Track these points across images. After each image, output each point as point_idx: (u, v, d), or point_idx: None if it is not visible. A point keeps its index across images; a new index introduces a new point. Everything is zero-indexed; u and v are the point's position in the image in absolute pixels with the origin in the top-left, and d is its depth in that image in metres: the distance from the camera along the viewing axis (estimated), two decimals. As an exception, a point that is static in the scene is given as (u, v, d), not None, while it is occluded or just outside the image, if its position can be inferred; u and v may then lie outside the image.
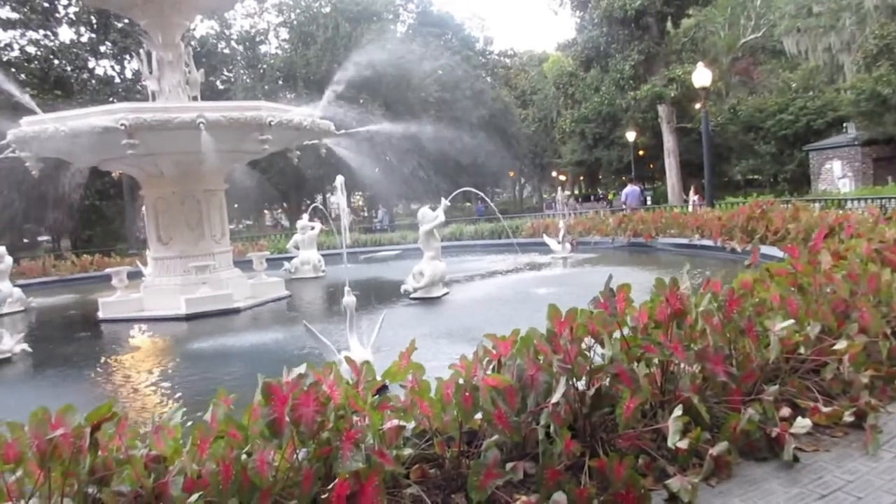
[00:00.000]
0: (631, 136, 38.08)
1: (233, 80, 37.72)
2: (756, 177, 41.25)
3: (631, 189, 27.43)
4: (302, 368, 2.84)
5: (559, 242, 13.95)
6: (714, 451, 2.68)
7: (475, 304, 8.84)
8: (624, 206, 25.56)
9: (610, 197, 48.61)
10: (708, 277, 3.68)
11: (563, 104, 40.88)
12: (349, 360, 3.08)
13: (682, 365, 3.09)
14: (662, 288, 3.35)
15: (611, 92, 33.59)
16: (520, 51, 64.10)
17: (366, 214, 45.88)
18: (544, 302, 3.23)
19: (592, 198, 52.15)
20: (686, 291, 3.45)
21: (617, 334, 3.15)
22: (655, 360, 3.14)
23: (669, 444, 2.64)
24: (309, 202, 36.27)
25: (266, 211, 49.64)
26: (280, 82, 37.29)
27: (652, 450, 2.79)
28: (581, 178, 59.47)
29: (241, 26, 41.37)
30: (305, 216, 14.96)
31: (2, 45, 33.03)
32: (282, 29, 42.26)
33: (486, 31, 68.38)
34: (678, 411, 2.69)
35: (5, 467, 2.43)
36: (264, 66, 39.33)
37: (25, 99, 10.48)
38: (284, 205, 43.06)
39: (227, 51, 39.39)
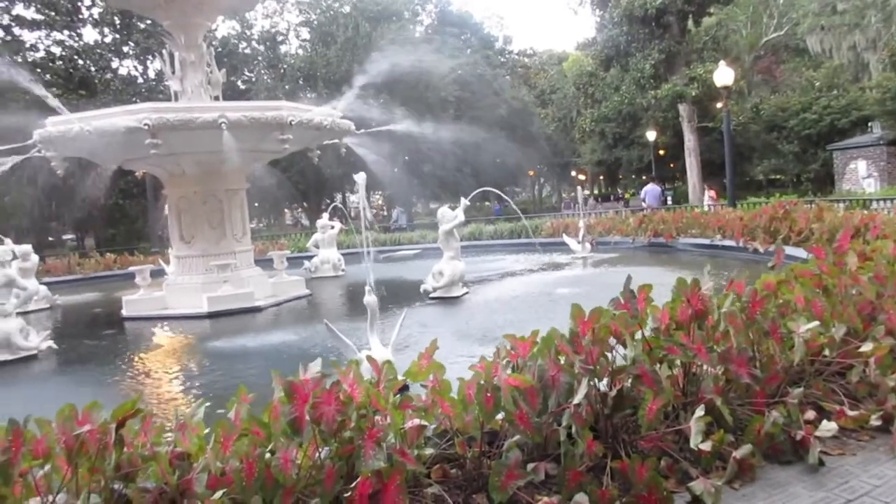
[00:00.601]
0: (651, 135, 37.83)
1: (254, 80, 37.99)
2: (779, 177, 40.83)
3: (650, 188, 27.21)
4: (317, 365, 2.86)
5: (579, 242, 13.88)
6: (738, 453, 2.66)
7: (495, 304, 8.83)
8: (643, 205, 25.39)
9: (626, 196, 48.27)
10: (731, 278, 3.64)
11: (583, 104, 40.68)
12: (370, 360, 3.09)
13: (704, 366, 3.07)
14: (684, 288, 3.32)
15: (631, 91, 33.35)
16: (539, 50, 63.95)
17: (385, 214, 45.99)
18: (564, 302, 3.23)
19: (612, 197, 51.89)
20: (708, 292, 3.42)
21: (639, 335, 3.13)
22: (678, 362, 3.12)
23: (692, 445, 2.62)
24: (329, 201, 36.46)
25: (286, 210, 49.92)
26: (300, 82, 37.51)
27: (674, 452, 2.78)
28: (601, 177, 59.19)
29: (261, 26, 41.67)
30: (325, 215, 15.01)
31: (27, 45, 33.52)
32: (302, 29, 42.51)
33: (505, 31, 68.30)
34: (700, 412, 2.68)
35: (34, 463, 2.48)
36: (285, 65, 39.58)
37: (51, 99, 10.63)
38: (304, 204, 43.28)
39: (248, 51, 39.68)
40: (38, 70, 28.11)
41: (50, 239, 34.99)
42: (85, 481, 2.48)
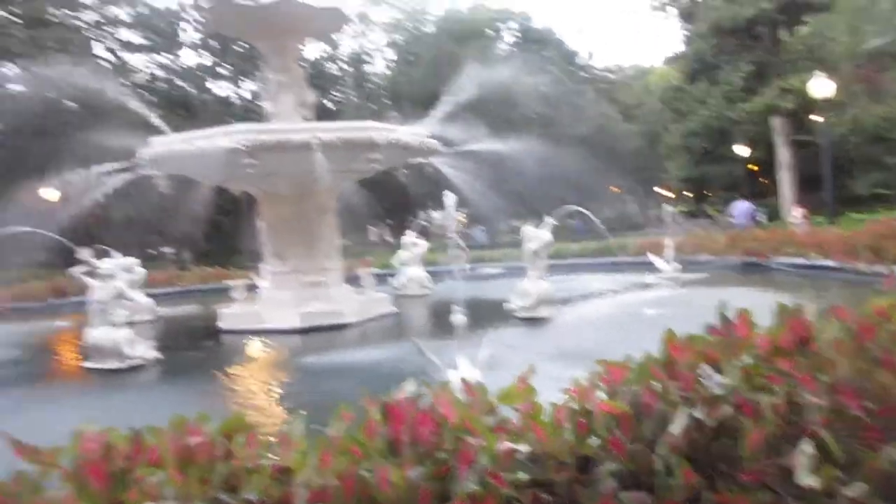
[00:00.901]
0: (741, 150, 36.55)
1: (342, 100, 39.10)
2: (883, 191, 38.59)
3: (740, 205, 26.25)
4: (413, 386, 2.92)
5: (667, 261, 13.56)
6: (849, 491, 2.53)
7: (582, 325, 8.72)
8: (732, 223, 24.54)
9: (711, 213, 46.73)
10: (834, 303, 3.49)
11: (670, 118, 39.84)
12: (464, 381, 3.12)
13: (808, 397, 2.95)
14: (785, 313, 3.21)
15: (720, 105, 32.44)
16: (625, 65, 63.11)
17: (467, 231, 46.22)
18: (654, 324, 3.18)
19: (700, 215, 50.31)
20: (811, 317, 3.29)
21: (737, 362, 3.04)
22: (779, 391, 3.00)
23: (797, 481, 2.52)
24: (413, 218, 36.96)
25: (371, 226, 50.89)
26: (386, 101, 38.36)
27: (777, 486, 2.68)
28: (688, 194, 57.58)
29: (349, 47, 42.89)
30: (411, 233, 15.15)
31: (132, 68, 35.79)
32: (388, 49, 43.53)
33: (588, 46, 67.71)
34: (807, 446, 2.57)
35: (148, 470, 2.63)
36: (371, 85, 40.57)
37: (155, 120, 11.29)
38: (389, 221, 44.05)
39: (336, 72, 40.90)
40: (142, 91, 29.86)
41: (151, 252, 36.93)
42: (195, 490, 2.62)
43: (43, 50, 25.55)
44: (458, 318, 5.33)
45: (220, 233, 32.10)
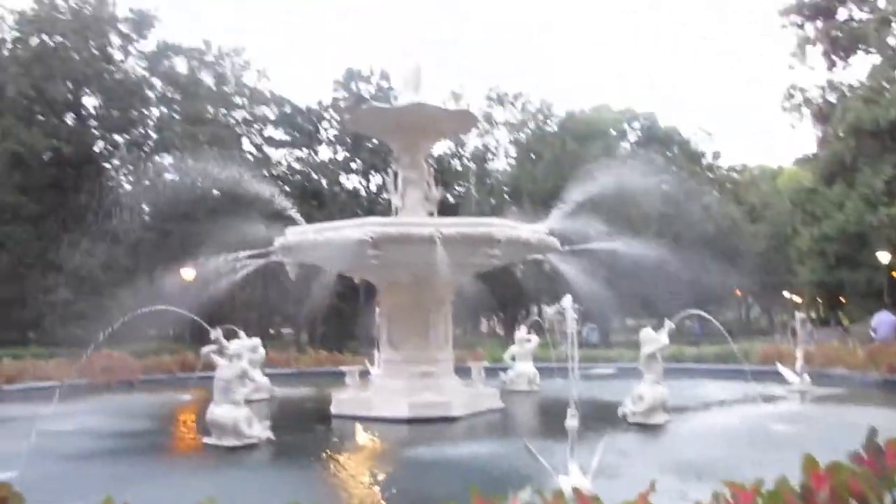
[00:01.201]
0: (883, 256, 34.11)
1: (462, 195, 40.22)
2: None
3: (885, 316, 24.21)
4: (528, 495, 2.84)
5: (796, 373, 12.70)
6: None
7: (700, 437, 8.23)
8: (873, 336, 22.65)
9: (844, 323, 43.38)
10: None
11: (800, 221, 38.04)
12: (577, 492, 3.02)
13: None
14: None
15: (858, 208, 30.65)
16: (751, 165, 61.37)
17: (579, 330, 45.31)
18: (781, 442, 2.99)
19: (832, 323, 46.86)
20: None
21: (888, 499, 2.77)
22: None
23: None
24: (526, 313, 36.74)
25: (482, 318, 50.97)
26: (507, 197, 39.11)
27: None
28: (819, 300, 53.96)
29: (473, 146, 44.36)
30: (524, 328, 15.07)
31: (273, 161, 38.75)
32: (510, 146, 44.71)
33: (714, 146, 66.54)
34: None
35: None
36: (492, 181, 41.57)
37: (292, 211, 12.03)
38: (501, 314, 44.02)
39: (459, 168, 42.33)
40: (280, 182, 32.09)
41: (271, 332, 38.61)
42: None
43: (197, 143, 28.17)
44: (572, 422, 5.19)
45: (338, 317, 33.21)
